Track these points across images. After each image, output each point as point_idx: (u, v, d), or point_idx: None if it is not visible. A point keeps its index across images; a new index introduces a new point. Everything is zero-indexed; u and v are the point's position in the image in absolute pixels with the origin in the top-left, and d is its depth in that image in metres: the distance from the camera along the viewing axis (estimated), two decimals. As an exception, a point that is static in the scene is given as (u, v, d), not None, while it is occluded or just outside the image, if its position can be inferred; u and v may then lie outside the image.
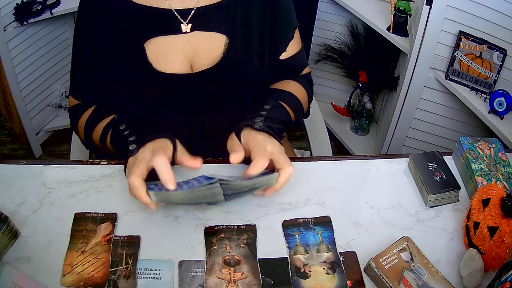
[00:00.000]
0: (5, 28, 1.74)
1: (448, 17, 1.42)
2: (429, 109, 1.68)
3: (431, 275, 0.72)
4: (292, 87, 1.01)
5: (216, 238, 0.78)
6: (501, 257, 0.74)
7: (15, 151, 2.18)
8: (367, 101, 2.04)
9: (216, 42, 0.93)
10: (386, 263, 0.73)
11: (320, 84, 2.25)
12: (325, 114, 2.06)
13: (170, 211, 0.83)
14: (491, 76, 1.40)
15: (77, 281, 0.71)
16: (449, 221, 0.84)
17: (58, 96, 2.14)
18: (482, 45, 1.38)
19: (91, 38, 0.92)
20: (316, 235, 0.80)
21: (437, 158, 0.92)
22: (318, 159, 0.97)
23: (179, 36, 0.91)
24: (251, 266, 0.75)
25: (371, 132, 2.17)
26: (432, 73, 1.57)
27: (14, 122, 2.02)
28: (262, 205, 0.85)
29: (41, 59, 1.98)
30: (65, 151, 2.17)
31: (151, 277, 0.73)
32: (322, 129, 1.28)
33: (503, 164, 0.90)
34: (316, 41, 2.10)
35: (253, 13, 0.94)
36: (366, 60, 1.93)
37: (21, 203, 0.82)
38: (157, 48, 0.90)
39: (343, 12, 1.96)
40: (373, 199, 0.87)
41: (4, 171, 0.88)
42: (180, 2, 0.90)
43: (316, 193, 0.88)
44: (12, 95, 1.90)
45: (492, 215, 0.74)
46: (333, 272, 0.75)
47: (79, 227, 0.79)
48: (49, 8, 1.82)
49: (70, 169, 0.90)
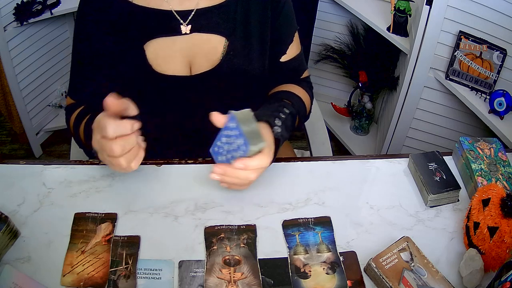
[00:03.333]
0: (5, 28, 1.75)
1: (448, 17, 1.42)
2: (429, 109, 1.68)
3: (431, 275, 0.72)
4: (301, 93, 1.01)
5: (216, 238, 0.78)
6: (501, 257, 0.74)
7: (15, 151, 2.18)
8: (367, 101, 2.04)
9: (215, 44, 0.92)
10: (386, 263, 0.73)
11: (320, 84, 2.25)
12: (325, 114, 2.06)
13: (170, 211, 0.83)
14: (491, 76, 1.40)
15: (77, 281, 0.71)
16: (449, 221, 0.84)
17: (58, 96, 2.14)
18: (482, 45, 1.38)
19: (91, 39, 0.92)
20: (316, 235, 0.80)
21: (437, 158, 0.92)
22: (318, 159, 0.97)
23: (179, 38, 0.91)
24: (251, 266, 0.75)
25: (371, 132, 2.17)
26: (432, 73, 1.57)
27: (14, 122, 2.02)
28: (262, 205, 0.85)
29: (41, 59, 1.98)
30: (65, 151, 2.17)
31: (151, 277, 0.73)
32: (322, 129, 1.28)
33: (503, 164, 0.90)
34: (316, 41, 2.10)
35: (253, 14, 0.94)
36: (366, 60, 1.94)
37: (21, 203, 0.82)
38: (157, 49, 0.90)
39: (343, 12, 1.96)
40: (373, 199, 0.87)
41: (4, 171, 0.88)
42: (180, 3, 0.90)
43: (316, 193, 0.88)
44: (12, 95, 1.90)
45: (492, 215, 0.74)
46: (333, 272, 0.75)
47: (79, 227, 0.79)
48: (49, 8, 1.82)
49: (70, 169, 0.90)
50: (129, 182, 0.88)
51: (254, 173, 0.77)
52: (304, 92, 1.02)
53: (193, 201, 0.85)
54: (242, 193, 0.87)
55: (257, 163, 0.76)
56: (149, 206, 0.83)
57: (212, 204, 0.85)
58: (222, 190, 0.87)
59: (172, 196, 0.85)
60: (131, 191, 0.86)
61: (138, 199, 0.84)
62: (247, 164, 0.75)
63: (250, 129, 0.74)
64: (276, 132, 0.83)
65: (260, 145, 0.75)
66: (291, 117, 0.91)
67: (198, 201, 0.85)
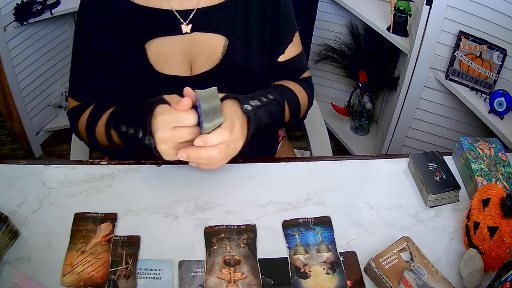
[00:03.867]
0: (5, 28, 1.75)
1: (448, 17, 1.42)
2: (429, 109, 1.68)
3: (431, 275, 0.72)
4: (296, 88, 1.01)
5: (216, 238, 0.78)
6: (501, 257, 0.74)
7: (15, 151, 2.18)
8: (367, 101, 2.04)
9: (215, 44, 0.92)
10: (386, 263, 0.73)
11: (320, 84, 2.25)
12: (325, 114, 2.06)
13: (170, 211, 0.83)
14: (491, 76, 1.40)
15: (77, 281, 0.71)
16: (449, 221, 0.84)
17: (58, 96, 2.14)
18: (482, 45, 1.38)
19: (91, 39, 0.92)
20: (316, 235, 0.80)
21: (437, 158, 0.92)
22: (318, 159, 0.97)
23: (179, 37, 0.91)
24: (251, 266, 0.75)
25: (371, 132, 2.17)
26: (432, 73, 1.57)
27: (14, 122, 2.02)
28: (262, 205, 0.85)
29: (41, 59, 1.98)
30: (65, 151, 2.17)
31: (151, 277, 0.73)
32: (322, 129, 1.28)
33: (503, 164, 0.90)
34: (316, 41, 2.10)
35: (253, 13, 0.94)
36: (366, 60, 1.93)
37: (21, 203, 0.82)
38: (157, 49, 0.90)
39: (343, 12, 1.96)
40: (373, 199, 0.87)
41: (4, 171, 0.88)
42: (180, 3, 0.90)
43: (316, 193, 0.88)
44: (12, 95, 1.90)
45: (492, 215, 0.74)
46: (333, 272, 0.75)
47: (79, 227, 0.79)
48: (49, 8, 1.82)
49: (70, 169, 0.90)
50: (129, 182, 0.88)
51: (216, 150, 0.74)
52: (300, 88, 1.02)
53: (193, 201, 0.85)
54: (242, 193, 0.87)
55: (217, 138, 0.73)
56: (149, 206, 0.83)
57: (212, 204, 0.85)
58: (222, 190, 0.87)
59: (172, 196, 0.85)
60: (131, 191, 0.86)
61: (138, 199, 0.84)
62: (205, 140, 0.73)
63: (209, 106, 0.73)
64: (246, 109, 0.80)
65: (215, 121, 0.73)
66: (276, 103, 0.88)
67: (198, 201, 0.85)
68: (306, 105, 1.04)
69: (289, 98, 0.96)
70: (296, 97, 0.98)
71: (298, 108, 0.99)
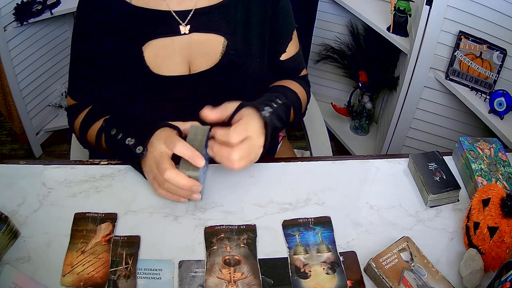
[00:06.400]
0: (5, 28, 1.74)
1: (448, 17, 1.42)
2: (429, 109, 1.68)
3: (431, 275, 0.72)
4: (296, 88, 1.01)
5: (216, 238, 0.79)
6: (501, 257, 0.74)
7: (15, 151, 2.18)
8: (367, 101, 2.04)
9: (214, 44, 0.92)
10: (386, 263, 0.73)
11: (320, 84, 2.25)
12: (325, 114, 2.06)
13: (170, 211, 0.83)
14: (491, 76, 1.40)
15: (77, 281, 0.71)
16: (449, 221, 0.84)
17: (58, 96, 2.14)
18: (482, 45, 1.38)
19: (90, 38, 0.92)
20: (316, 235, 0.80)
21: (437, 158, 0.92)
22: (318, 159, 0.97)
23: (178, 38, 0.91)
24: (251, 266, 0.75)
25: (371, 132, 2.17)
26: (432, 73, 1.57)
27: (14, 122, 2.02)
28: (262, 205, 0.85)
29: (41, 59, 1.98)
30: (65, 151, 2.17)
31: (151, 277, 0.73)
32: (322, 129, 1.28)
33: (503, 164, 0.90)
34: (316, 41, 2.10)
35: (253, 13, 0.94)
36: (366, 60, 1.93)
37: (21, 203, 0.82)
38: (155, 50, 0.90)
39: (343, 12, 1.96)
40: (373, 199, 0.87)
41: (4, 171, 0.88)
42: (179, 4, 0.90)
43: (316, 193, 0.88)
44: (12, 95, 1.90)
45: (492, 215, 0.74)
46: (333, 272, 0.75)
47: (79, 227, 0.79)
48: (49, 8, 1.82)
49: (70, 169, 0.90)
50: (129, 182, 0.88)
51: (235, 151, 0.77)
52: (301, 88, 1.03)
53: (193, 201, 0.85)
54: (242, 193, 0.87)
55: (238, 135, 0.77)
56: (149, 206, 0.83)
57: (212, 204, 0.85)
58: (222, 190, 0.87)
59: (172, 196, 0.85)
60: (131, 191, 0.86)
61: (138, 199, 0.84)
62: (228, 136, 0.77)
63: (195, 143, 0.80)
64: (264, 116, 0.82)
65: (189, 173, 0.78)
66: (284, 108, 0.90)
67: (198, 201, 0.85)
68: (305, 104, 1.05)
69: (293, 100, 0.97)
70: (298, 98, 0.99)
71: (300, 109, 1.01)
